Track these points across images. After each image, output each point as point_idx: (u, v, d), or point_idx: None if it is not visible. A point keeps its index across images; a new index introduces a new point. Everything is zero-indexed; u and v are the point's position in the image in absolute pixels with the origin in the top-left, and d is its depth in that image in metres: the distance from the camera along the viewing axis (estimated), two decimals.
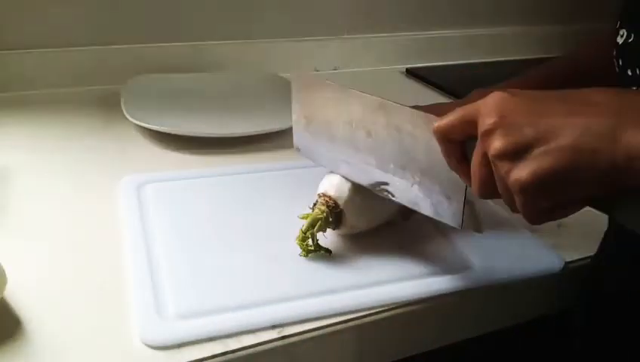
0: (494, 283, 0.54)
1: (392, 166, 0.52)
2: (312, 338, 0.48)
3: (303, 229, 0.54)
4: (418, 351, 0.55)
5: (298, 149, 0.61)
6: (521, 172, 0.37)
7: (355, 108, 0.53)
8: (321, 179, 0.58)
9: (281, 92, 0.93)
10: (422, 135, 0.47)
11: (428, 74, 1.13)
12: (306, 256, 0.54)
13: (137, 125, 0.77)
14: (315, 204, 0.56)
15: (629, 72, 0.49)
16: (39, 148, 0.74)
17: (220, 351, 0.45)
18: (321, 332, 0.48)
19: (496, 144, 0.38)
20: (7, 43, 0.89)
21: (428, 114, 0.46)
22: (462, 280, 0.53)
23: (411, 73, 1.15)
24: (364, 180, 0.55)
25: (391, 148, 0.51)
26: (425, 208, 0.51)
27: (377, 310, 0.50)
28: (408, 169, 0.50)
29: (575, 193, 0.38)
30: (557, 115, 0.37)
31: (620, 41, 0.50)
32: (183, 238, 0.57)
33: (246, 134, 0.74)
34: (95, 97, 0.91)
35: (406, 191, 0.51)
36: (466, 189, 0.46)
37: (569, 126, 0.36)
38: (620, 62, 0.50)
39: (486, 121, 0.39)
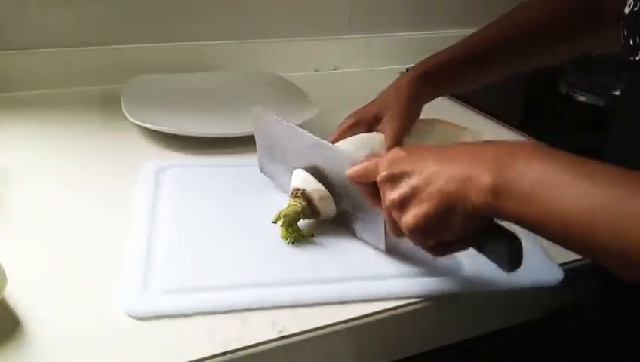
0: (484, 290, 0.54)
1: (334, 196, 0.58)
2: (312, 338, 0.48)
3: (281, 223, 0.57)
4: (417, 352, 0.55)
5: (262, 170, 0.68)
6: (407, 218, 0.46)
7: (301, 144, 0.60)
8: None
9: (281, 92, 0.93)
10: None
11: None
12: (292, 243, 0.57)
13: (137, 125, 0.77)
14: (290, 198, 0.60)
15: (631, 42, 0.50)
16: (39, 149, 0.74)
17: (219, 351, 0.45)
18: (320, 332, 0.48)
19: (387, 196, 0.47)
20: (7, 43, 0.89)
21: (351, 157, 0.54)
22: (450, 283, 0.53)
23: None
24: None
25: (333, 182, 0.58)
26: (359, 233, 0.58)
27: (377, 310, 0.50)
28: (345, 200, 0.58)
29: (453, 230, 0.45)
30: (431, 164, 0.45)
31: (627, 10, 0.50)
32: (188, 223, 0.59)
33: (246, 134, 0.74)
34: (95, 97, 0.91)
35: (349, 221, 0.59)
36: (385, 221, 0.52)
37: (438, 174, 0.44)
38: (625, 32, 0.51)
39: (380, 174, 0.48)
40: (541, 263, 0.57)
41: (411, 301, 0.52)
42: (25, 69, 0.90)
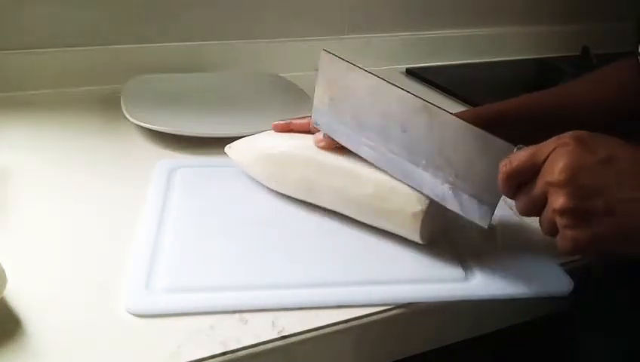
0: (493, 299, 0.53)
1: (424, 162, 0.55)
2: (312, 338, 0.48)
3: None
4: (416, 352, 0.55)
5: (317, 124, 0.62)
6: (581, 234, 0.41)
7: (394, 103, 0.55)
8: None
9: (281, 92, 0.93)
10: (464, 145, 0.51)
11: (428, 74, 1.13)
12: None
13: (137, 125, 0.77)
14: None
15: None
16: (39, 148, 0.74)
17: (219, 351, 0.45)
18: (320, 332, 0.48)
19: (563, 202, 0.41)
20: (7, 43, 0.89)
21: (477, 130, 0.49)
22: (460, 291, 0.53)
23: (411, 73, 1.16)
24: (388, 166, 0.57)
25: (427, 148, 0.54)
26: (452, 205, 0.54)
27: (377, 310, 0.50)
28: (442, 170, 0.53)
29: (621, 254, 0.42)
30: (626, 187, 0.40)
31: None
32: (192, 223, 0.59)
33: (246, 134, 0.74)
34: (95, 97, 0.91)
35: (435, 187, 0.54)
36: (499, 198, 0.50)
37: (634, 204, 0.39)
38: None
39: (556, 175, 0.41)
40: (551, 274, 0.56)
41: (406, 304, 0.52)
42: (25, 69, 0.90)
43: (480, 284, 0.53)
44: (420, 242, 0.56)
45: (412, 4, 1.17)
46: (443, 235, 0.59)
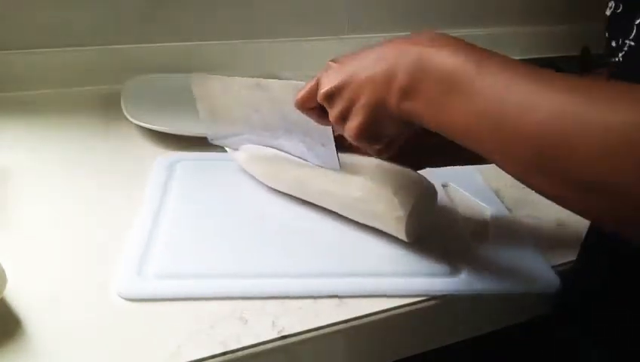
0: (479, 294, 0.53)
1: (280, 132, 0.61)
2: (312, 338, 0.48)
3: None
4: (416, 352, 0.55)
5: (212, 140, 0.69)
6: (348, 131, 0.47)
7: (240, 91, 0.61)
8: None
9: None
10: (293, 100, 0.54)
11: None
12: None
13: (137, 125, 0.77)
14: None
15: (613, 43, 0.49)
16: (39, 148, 0.74)
17: (219, 351, 0.45)
18: (320, 332, 0.48)
19: (331, 113, 0.48)
20: (7, 43, 0.89)
21: (293, 82, 0.53)
22: (445, 286, 0.53)
23: None
24: (265, 146, 0.64)
25: (275, 118, 0.59)
26: (311, 159, 0.60)
27: (377, 310, 0.50)
28: (293, 132, 0.59)
29: (391, 134, 0.48)
30: (360, 73, 0.45)
31: (608, 12, 0.51)
32: (190, 215, 0.60)
33: None
34: (95, 97, 0.91)
35: (295, 148, 0.61)
36: (334, 138, 0.55)
37: (365, 84, 0.45)
38: (607, 34, 0.51)
39: (320, 93, 0.48)
40: (539, 271, 0.56)
41: (410, 301, 0.52)
42: (25, 69, 0.90)
43: (465, 280, 0.54)
44: (407, 241, 0.56)
45: (412, 4, 1.17)
46: (432, 231, 0.59)
